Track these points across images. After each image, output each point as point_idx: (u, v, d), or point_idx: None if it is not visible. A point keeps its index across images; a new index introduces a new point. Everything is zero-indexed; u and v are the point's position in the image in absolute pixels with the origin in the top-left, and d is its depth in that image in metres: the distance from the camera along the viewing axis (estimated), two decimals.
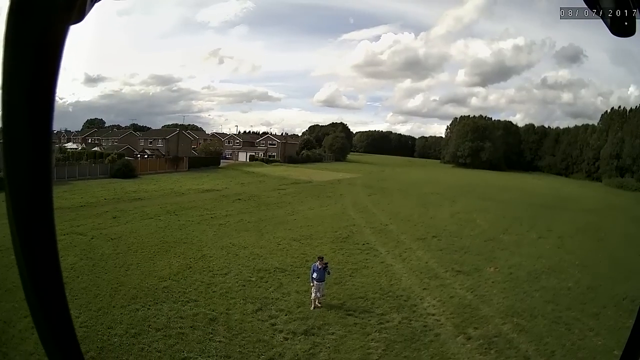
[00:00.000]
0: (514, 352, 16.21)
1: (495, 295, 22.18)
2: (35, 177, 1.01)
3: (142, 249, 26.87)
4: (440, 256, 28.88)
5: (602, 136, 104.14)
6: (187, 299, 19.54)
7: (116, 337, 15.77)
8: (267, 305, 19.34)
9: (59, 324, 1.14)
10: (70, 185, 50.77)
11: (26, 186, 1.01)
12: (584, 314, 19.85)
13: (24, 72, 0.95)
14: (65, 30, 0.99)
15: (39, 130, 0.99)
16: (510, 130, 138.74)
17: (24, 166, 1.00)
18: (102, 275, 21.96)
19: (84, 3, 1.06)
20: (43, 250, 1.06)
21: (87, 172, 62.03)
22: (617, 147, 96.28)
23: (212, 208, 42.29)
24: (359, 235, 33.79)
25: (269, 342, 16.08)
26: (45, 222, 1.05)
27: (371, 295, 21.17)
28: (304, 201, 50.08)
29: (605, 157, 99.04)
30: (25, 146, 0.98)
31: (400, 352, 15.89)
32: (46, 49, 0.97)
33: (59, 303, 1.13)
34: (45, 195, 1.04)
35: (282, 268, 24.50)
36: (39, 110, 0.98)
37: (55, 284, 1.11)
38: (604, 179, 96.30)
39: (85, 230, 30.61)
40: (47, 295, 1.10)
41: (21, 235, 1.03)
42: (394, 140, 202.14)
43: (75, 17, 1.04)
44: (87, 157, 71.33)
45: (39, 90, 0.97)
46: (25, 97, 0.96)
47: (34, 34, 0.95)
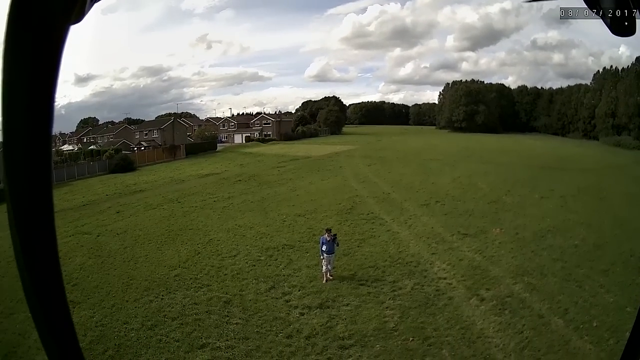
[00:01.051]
0: (528, 312, 16.25)
1: (503, 255, 22.24)
2: (35, 175, 1.01)
3: (149, 241, 26.89)
4: (446, 220, 28.97)
5: (596, 95, 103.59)
6: (200, 285, 19.62)
7: (133, 331, 15.77)
8: (279, 282, 19.44)
9: (59, 324, 1.16)
10: (70, 186, 50.69)
11: (26, 184, 1.01)
12: (593, 271, 19.80)
13: (24, 72, 0.95)
14: (65, 30, 1.00)
15: (38, 129, 0.99)
16: (504, 92, 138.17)
17: (23, 163, 1.00)
18: (112, 272, 21.95)
19: (83, 3, 1.05)
20: (43, 251, 1.06)
21: (86, 170, 61.85)
22: (612, 106, 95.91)
23: (214, 192, 42.33)
24: (363, 206, 33.88)
25: (285, 319, 16.17)
26: (46, 222, 1.05)
27: (381, 264, 21.27)
28: (305, 176, 50.06)
29: (601, 116, 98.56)
30: (25, 145, 0.98)
31: (416, 318, 15.95)
32: (46, 49, 0.97)
33: (59, 303, 1.14)
34: (44, 192, 1.04)
35: (290, 244, 24.60)
36: (39, 110, 0.98)
37: (55, 285, 1.12)
38: (600, 138, 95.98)
39: (90, 229, 30.57)
40: (47, 296, 1.11)
41: (21, 236, 1.03)
42: (388, 110, 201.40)
43: (75, 17, 1.04)
44: (84, 156, 71.12)
45: (39, 90, 0.97)
46: (25, 97, 0.96)
47: (34, 34, 0.95)
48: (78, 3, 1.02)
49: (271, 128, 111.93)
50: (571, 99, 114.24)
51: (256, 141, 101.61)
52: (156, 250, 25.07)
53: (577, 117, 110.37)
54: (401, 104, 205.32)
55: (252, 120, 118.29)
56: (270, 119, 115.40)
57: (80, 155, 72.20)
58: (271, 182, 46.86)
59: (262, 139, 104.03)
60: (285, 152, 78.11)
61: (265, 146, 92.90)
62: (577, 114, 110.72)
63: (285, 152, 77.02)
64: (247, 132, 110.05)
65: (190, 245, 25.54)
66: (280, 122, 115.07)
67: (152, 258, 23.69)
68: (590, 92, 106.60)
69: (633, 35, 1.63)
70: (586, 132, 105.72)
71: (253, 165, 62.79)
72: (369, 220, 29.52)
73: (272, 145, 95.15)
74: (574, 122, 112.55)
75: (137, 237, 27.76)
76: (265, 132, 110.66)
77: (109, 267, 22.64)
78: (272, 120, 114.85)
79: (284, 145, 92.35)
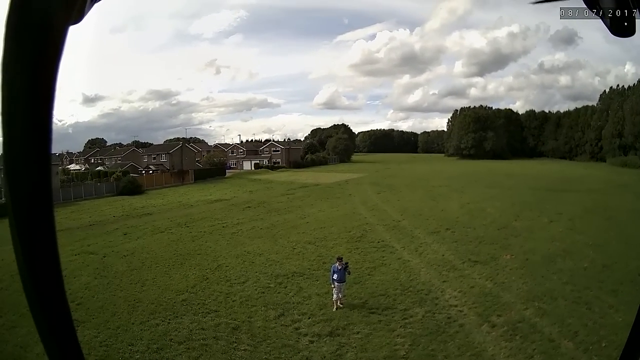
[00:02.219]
0: (539, 336, 16.21)
1: (514, 281, 22.18)
2: (35, 177, 0.99)
3: (156, 264, 26.76)
4: (456, 248, 28.81)
5: (603, 116, 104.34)
6: (207, 310, 19.40)
7: (138, 353, 15.66)
8: (288, 310, 19.20)
9: (59, 325, 1.12)
10: (77, 206, 50.97)
11: (26, 187, 0.99)
12: (602, 292, 19.99)
13: (24, 73, 0.94)
14: (65, 30, 0.99)
15: (38, 129, 0.97)
16: (512, 118, 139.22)
17: (23, 163, 0.98)
18: (118, 293, 21.87)
19: (83, 3, 1.05)
20: (44, 255, 1.04)
21: (93, 191, 62.29)
22: (619, 126, 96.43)
23: (223, 217, 42.23)
24: (373, 234, 33.62)
25: (294, 347, 15.93)
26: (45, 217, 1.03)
27: (392, 292, 21.04)
28: (314, 204, 49.95)
29: (608, 137, 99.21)
30: (26, 145, 0.97)
31: (427, 346, 15.77)
32: (46, 49, 0.96)
33: (60, 304, 1.11)
34: (45, 196, 1.02)
35: (299, 272, 24.36)
36: (39, 111, 0.96)
37: (56, 287, 1.09)
38: (607, 159, 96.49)
39: (96, 249, 30.56)
40: (47, 297, 1.09)
41: (21, 235, 1.01)
42: (397, 138, 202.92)
43: (75, 17, 1.04)
44: (91, 177, 71.60)
45: (39, 91, 0.96)
46: (25, 98, 0.95)
47: (34, 34, 0.94)
48: (78, 3, 1.02)
49: (280, 155, 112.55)
50: (578, 121, 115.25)
51: (265, 168, 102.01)
52: (163, 274, 24.91)
53: (584, 140, 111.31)
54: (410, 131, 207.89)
55: (260, 147, 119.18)
56: (279, 146, 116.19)
57: (87, 176, 72.68)
58: (280, 209, 46.75)
59: (271, 166, 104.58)
60: (294, 179, 78.46)
61: (274, 173, 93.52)
62: (584, 136, 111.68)
63: (294, 180, 77.34)
64: (256, 159, 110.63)
65: (198, 270, 25.34)
66: (289, 149, 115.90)
67: (159, 282, 23.53)
68: (597, 113, 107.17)
69: (633, 35, 1.64)
70: (593, 154, 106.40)
71: (262, 192, 62.89)
72: (379, 248, 29.25)
73: (281, 172, 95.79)
74: (581, 145, 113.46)
75: (144, 260, 27.66)
76: (274, 159, 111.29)
77: (115, 289, 22.59)
78: (281, 147, 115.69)
79: (292, 173, 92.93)
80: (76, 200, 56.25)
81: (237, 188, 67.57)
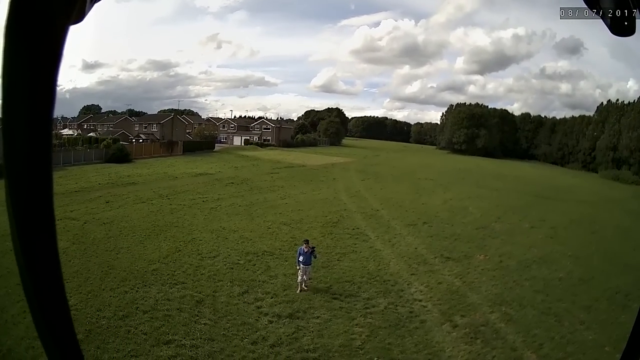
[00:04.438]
0: (501, 343, 16.05)
1: (484, 282, 22.18)
2: (34, 179, 1.01)
3: (133, 233, 27.05)
4: (430, 242, 28.95)
5: (598, 127, 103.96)
6: (175, 282, 19.73)
7: (104, 319, 15.87)
8: (253, 287, 19.53)
9: (59, 324, 1.13)
10: (65, 171, 50.51)
11: (26, 190, 1.01)
12: (575, 306, 19.69)
13: (23, 73, 0.95)
14: (65, 30, 0.98)
15: (38, 131, 0.98)
16: (507, 118, 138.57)
17: (23, 164, 0.99)
18: (92, 259, 22.08)
19: (83, 3, 1.05)
20: (43, 247, 1.07)
21: (82, 157, 61.59)
22: (614, 139, 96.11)
23: (205, 192, 42.47)
24: (349, 220, 33.95)
25: (253, 325, 16.20)
26: (45, 217, 1.06)
27: (358, 280, 21.31)
28: (297, 185, 50.18)
29: (602, 149, 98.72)
30: (25, 146, 0.98)
31: (384, 339, 15.89)
32: (46, 49, 0.96)
33: (59, 302, 1.12)
34: (45, 196, 1.04)
35: (270, 251, 24.65)
36: (39, 111, 0.97)
37: (55, 282, 1.10)
38: (600, 170, 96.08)
39: (78, 215, 30.64)
40: (47, 295, 1.09)
41: (21, 234, 1.03)
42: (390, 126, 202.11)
43: (75, 17, 1.03)
44: (82, 143, 70.87)
45: (38, 91, 0.96)
46: (25, 97, 0.95)
47: (34, 34, 0.94)
48: (78, 3, 1.02)
49: (271, 133, 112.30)
50: (574, 129, 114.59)
51: (255, 145, 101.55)
52: (139, 243, 25.21)
53: (578, 148, 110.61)
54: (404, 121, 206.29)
55: (252, 124, 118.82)
56: (270, 125, 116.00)
57: (78, 141, 71.99)
58: (262, 187, 47.03)
59: (260, 144, 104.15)
60: (282, 158, 78.36)
61: (263, 151, 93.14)
62: (578, 144, 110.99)
63: (282, 159, 77.24)
64: (247, 135, 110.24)
65: (172, 242, 25.65)
66: (280, 128, 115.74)
67: (133, 250, 23.83)
68: (593, 124, 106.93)
69: (633, 35, 1.65)
70: (585, 163, 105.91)
71: (247, 169, 62.84)
72: (353, 235, 29.56)
73: (270, 150, 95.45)
74: (574, 153, 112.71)
75: (122, 229, 27.88)
76: (265, 136, 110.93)
77: (90, 255, 22.78)
78: (272, 125, 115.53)
79: (281, 152, 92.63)
80: (65, 165, 55.59)
81: (223, 163, 67.46)
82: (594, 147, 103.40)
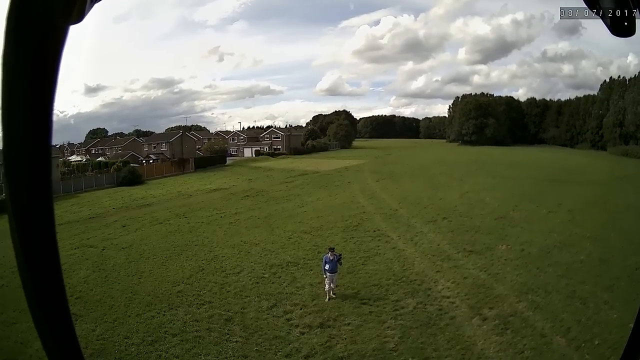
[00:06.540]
0: (530, 331, 16.11)
1: (508, 273, 22.06)
2: (35, 174, 1.02)
3: (153, 256, 27.00)
4: (452, 237, 28.77)
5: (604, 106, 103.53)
6: (202, 302, 19.65)
7: (133, 346, 15.89)
8: (281, 300, 19.41)
9: (59, 324, 1.15)
10: (77, 198, 50.95)
11: (26, 185, 1.02)
12: (598, 287, 19.55)
13: (24, 73, 0.96)
14: (65, 30, 1.00)
15: (39, 129, 0.99)
16: (513, 105, 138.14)
17: (23, 164, 1.01)
18: (115, 286, 22.10)
19: (83, 3, 1.05)
20: (43, 247, 1.06)
21: (94, 183, 61.98)
22: (620, 116, 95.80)
23: (221, 207, 42.41)
24: (370, 223, 33.72)
25: (285, 338, 16.14)
26: (46, 222, 1.05)
27: (385, 282, 21.18)
28: (313, 192, 49.98)
29: (609, 126, 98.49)
30: (26, 145, 0.99)
31: (417, 339, 15.85)
32: (46, 49, 0.97)
33: (59, 303, 1.14)
34: (44, 195, 1.04)
35: (294, 262, 24.54)
36: (39, 111, 0.98)
37: (55, 282, 1.11)
38: (608, 148, 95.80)
39: (95, 242, 30.74)
40: (47, 296, 1.10)
41: (21, 237, 1.03)
42: (399, 124, 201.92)
43: (75, 17, 1.04)
44: (92, 168, 71.36)
45: (39, 91, 0.98)
46: (25, 97, 0.97)
47: (34, 34, 0.95)
48: (78, 3, 1.03)
49: (281, 142, 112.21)
50: (579, 110, 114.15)
51: (266, 155, 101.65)
52: (160, 265, 25.13)
53: (586, 128, 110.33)
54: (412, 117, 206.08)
55: (261, 134, 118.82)
56: (279, 133, 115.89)
57: (88, 167, 72.45)
58: (279, 197, 46.90)
59: (271, 153, 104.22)
60: (294, 166, 78.21)
61: (275, 160, 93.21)
62: (585, 124, 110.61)
63: (294, 167, 77.10)
64: (257, 146, 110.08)
65: (194, 261, 25.57)
66: (290, 135, 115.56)
67: (156, 273, 23.77)
68: (597, 103, 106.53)
69: (633, 35, 1.64)
70: (594, 142, 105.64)
71: (261, 180, 62.82)
72: (374, 237, 29.34)
73: (282, 159, 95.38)
74: (582, 133, 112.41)
75: (142, 252, 27.86)
76: (275, 146, 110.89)
77: (112, 281, 22.81)
78: (282, 134, 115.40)
79: (293, 160, 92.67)
80: (77, 192, 56.04)
81: (236, 176, 67.43)
82: (600, 126, 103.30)
